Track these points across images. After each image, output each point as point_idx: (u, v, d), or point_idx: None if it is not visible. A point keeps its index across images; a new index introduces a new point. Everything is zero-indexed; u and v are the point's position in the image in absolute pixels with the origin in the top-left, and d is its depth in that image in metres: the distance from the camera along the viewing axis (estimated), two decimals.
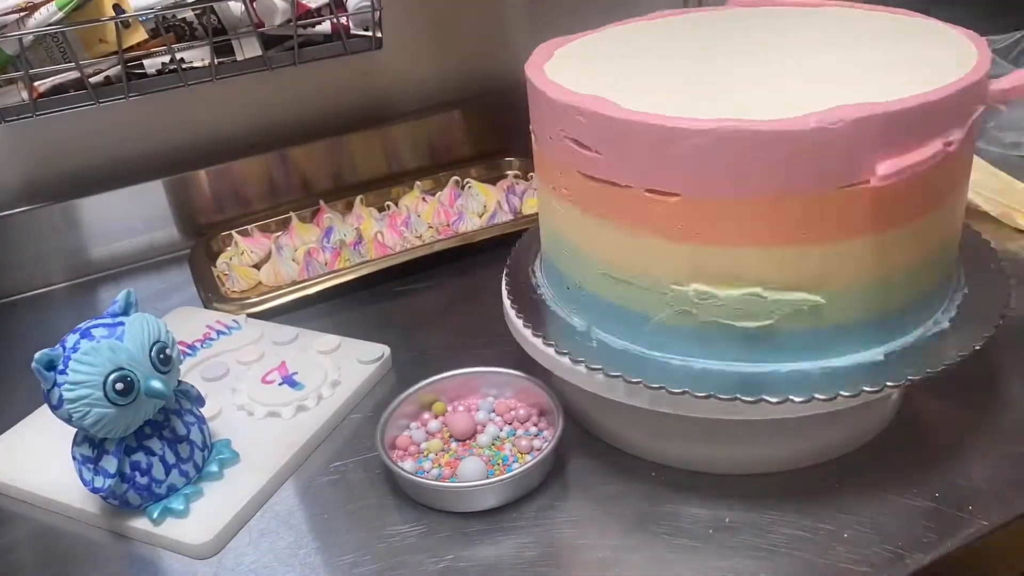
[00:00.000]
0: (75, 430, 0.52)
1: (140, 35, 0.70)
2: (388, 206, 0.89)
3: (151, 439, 0.53)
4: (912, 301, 0.49)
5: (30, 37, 0.66)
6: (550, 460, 0.54)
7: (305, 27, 0.75)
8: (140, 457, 0.52)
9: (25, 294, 0.85)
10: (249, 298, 0.76)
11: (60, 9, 0.65)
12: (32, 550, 0.54)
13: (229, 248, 0.86)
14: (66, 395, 0.48)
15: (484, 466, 0.54)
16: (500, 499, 0.53)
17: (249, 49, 0.74)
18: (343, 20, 0.76)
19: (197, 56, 0.72)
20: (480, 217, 0.87)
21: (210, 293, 0.77)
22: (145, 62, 0.71)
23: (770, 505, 0.51)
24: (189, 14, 0.71)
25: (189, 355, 0.69)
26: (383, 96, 0.99)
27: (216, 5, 0.71)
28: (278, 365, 0.66)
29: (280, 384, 0.64)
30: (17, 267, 0.84)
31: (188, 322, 0.73)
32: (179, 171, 0.89)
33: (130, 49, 0.70)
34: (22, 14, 0.65)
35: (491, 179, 0.94)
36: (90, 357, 0.49)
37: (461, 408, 0.60)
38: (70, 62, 0.68)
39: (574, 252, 0.53)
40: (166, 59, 0.71)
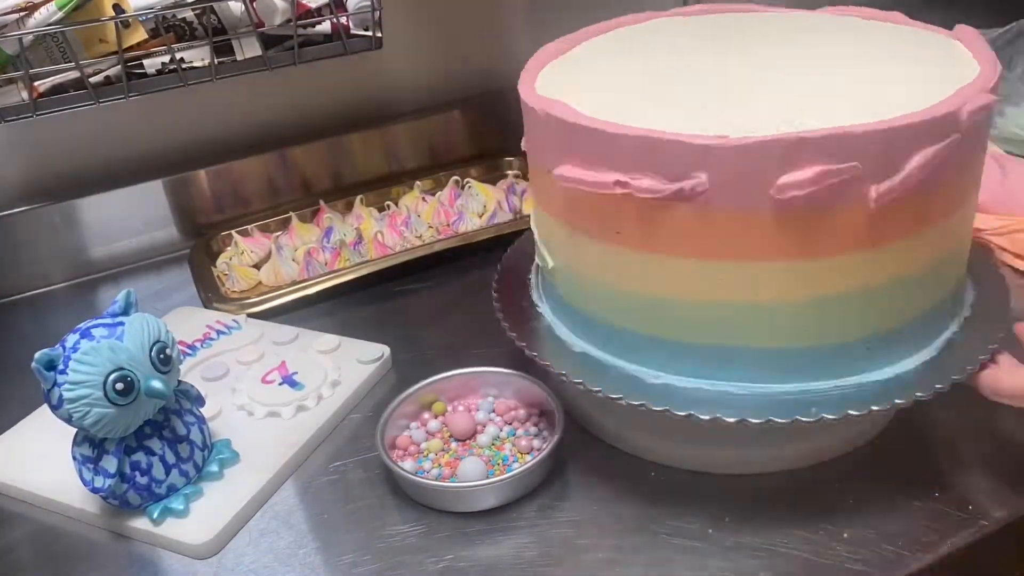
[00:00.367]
0: (75, 430, 0.52)
1: (140, 35, 0.70)
2: (388, 206, 0.89)
3: (151, 439, 0.53)
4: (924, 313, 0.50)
5: (30, 37, 0.66)
6: (550, 460, 0.54)
7: (305, 27, 0.75)
8: (140, 457, 0.52)
9: (25, 294, 0.85)
10: (249, 298, 0.76)
11: (60, 9, 0.65)
12: (32, 550, 0.54)
13: (229, 248, 0.86)
14: (66, 395, 0.48)
15: (484, 466, 0.54)
16: (500, 499, 0.53)
17: (249, 49, 0.74)
18: (343, 20, 0.76)
19: (197, 56, 0.72)
20: (480, 217, 0.87)
21: (210, 293, 0.77)
22: (145, 62, 0.71)
23: (770, 505, 0.51)
24: (189, 14, 0.71)
25: (189, 355, 0.68)
26: (383, 96, 0.99)
27: (216, 5, 0.71)
28: (278, 365, 0.66)
29: (280, 384, 0.64)
30: (17, 267, 0.84)
31: (188, 322, 0.73)
32: (179, 171, 0.89)
33: (130, 49, 0.70)
34: (22, 14, 0.65)
35: (491, 179, 0.94)
36: (90, 357, 0.49)
37: (461, 408, 0.60)
38: (70, 62, 0.68)
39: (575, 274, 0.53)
40: (166, 59, 0.71)
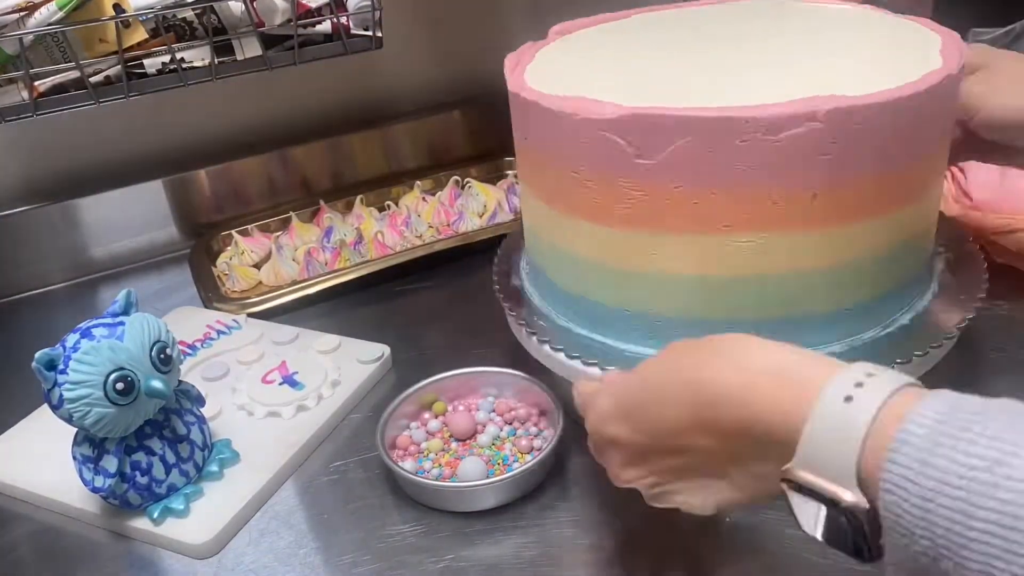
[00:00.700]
0: (75, 430, 0.52)
1: (140, 35, 0.70)
2: (388, 206, 0.89)
3: (151, 439, 0.53)
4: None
5: (30, 37, 0.66)
6: (550, 460, 0.54)
7: (305, 27, 0.75)
8: (140, 457, 0.52)
9: (25, 294, 0.85)
10: (249, 298, 0.76)
11: (60, 9, 0.65)
12: (33, 550, 0.54)
13: (229, 248, 0.86)
14: (66, 395, 0.48)
15: (484, 466, 0.54)
16: (500, 499, 0.53)
17: (249, 49, 0.74)
18: (343, 20, 0.76)
19: (197, 56, 0.72)
20: (480, 217, 0.87)
21: (210, 293, 0.77)
22: (145, 62, 0.71)
23: (770, 505, 0.51)
24: (189, 14, 0.71)
25: (189, 355, 0.68)
26: (383, 96, 0.99)
27: (216, 5, 0.71)
28: (278, 365, 0.66)
29: (280, 384, 0.64)
30: (17, 267, 0.84)
31: (188, 322, 0.73)
32: (179, 171, 0.89)
33: (130, 49, 0.70)
34: (22, 14, 0.65)
35: (491, 179, 0.94)
36: (90, 357, 0.49)
37: (461, 408, 0.60)
38: (70, 62, 0.68)
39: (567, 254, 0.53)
40: (166, 59, 0.71)
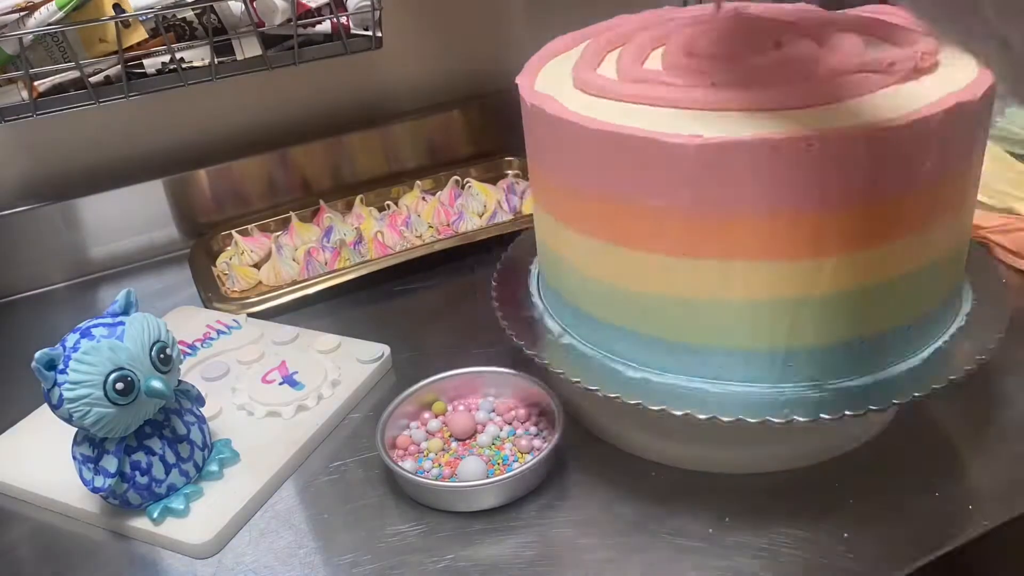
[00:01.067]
0: (75, 430, 0.52)
1: (140, 35, 0.70)
2: (388, 206, 0.89)
3: (151, 439, 0.53)
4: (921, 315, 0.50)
5: (30, 37, 0.66)
6: (550, 460, 0.54)
7: (305, 27, 0.75)
8: (140, 457, 0.52)
9: (25, 294, 0.85)
10: (249, 298, 0.76)
11: (60, 9, 0.65)
12: (32, 549, 0.54)
13: (229, 248, 0.86)
14: (66, 395, 0.48)
15: (484, 466, 0.54)
16: (500, 499, 0.53)
17: (249, 49, 0.74)
18: (343, 20, 0.76)
19: (197, 56, 0.72)
20: (480, 217, 0.87)
21: (210, 293, 0.77)
22: (145, 62, 0.71)
23: (770, 505, 0.51)
24: (189, 14, 0.71)
25: (189, 355, 0.68)
26: (383, 96, 0.99)
27: (216, 5, 0.71)
28: (278, 365, 0.66)
29: (280, 384, 0.64)
30: (17, 267, 0.84)
31: (188, 322, 0.73)
32: (179, 171, 0.89)
33: (130, 49, 0.70)
34: (22, 14, 0.65)
35: (491, 179, 0.94)
36: (90, 357, 0.49)
37: (461, 408, 0.60)
38: (70, 62, 0.68)
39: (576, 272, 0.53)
40: (166, 59, 0.71)
